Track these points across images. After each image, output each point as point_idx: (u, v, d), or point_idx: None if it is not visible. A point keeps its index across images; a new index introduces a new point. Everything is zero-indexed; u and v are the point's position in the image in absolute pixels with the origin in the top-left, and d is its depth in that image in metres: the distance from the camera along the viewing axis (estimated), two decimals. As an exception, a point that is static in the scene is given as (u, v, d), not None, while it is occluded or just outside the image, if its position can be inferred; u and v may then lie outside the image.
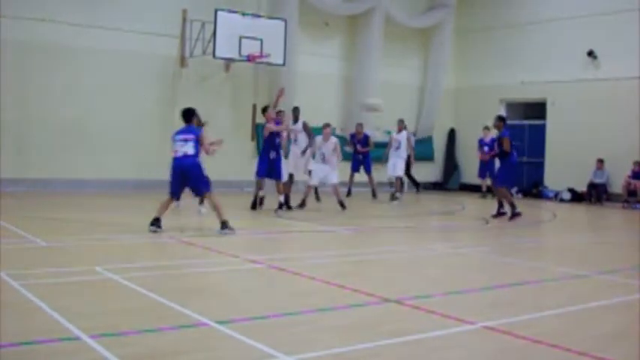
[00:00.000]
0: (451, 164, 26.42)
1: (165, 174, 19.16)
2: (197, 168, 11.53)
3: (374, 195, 20.22)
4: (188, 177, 11.51)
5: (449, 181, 26.20)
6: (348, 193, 20.10)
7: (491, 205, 16.47)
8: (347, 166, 20.78)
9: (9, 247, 9.28)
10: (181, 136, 11.57)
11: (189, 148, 11.45)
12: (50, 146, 18.11)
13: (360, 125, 20.79)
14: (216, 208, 11.49)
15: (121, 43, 19.06)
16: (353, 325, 6.03)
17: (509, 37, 24.66)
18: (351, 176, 20.68)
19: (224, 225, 11.36)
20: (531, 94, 24.03)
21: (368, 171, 20.61)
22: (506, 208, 15.64)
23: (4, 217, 12.08)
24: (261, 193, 15.39)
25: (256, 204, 15.40)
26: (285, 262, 8.96)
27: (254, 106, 20.89)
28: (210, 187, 11.66)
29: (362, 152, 20.39)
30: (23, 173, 17.69)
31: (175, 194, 11.80)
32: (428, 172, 25.79)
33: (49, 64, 18.09)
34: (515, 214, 15.26)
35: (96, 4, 18.73)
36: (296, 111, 17.41)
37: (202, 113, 15.18)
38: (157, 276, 7.99)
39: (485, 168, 21.94)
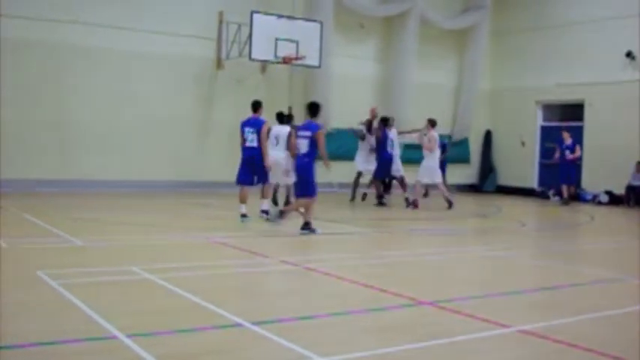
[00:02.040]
0: (487, 166, 26.25)
1: (201, 175, 19.56)
2: (261, 159, 12.93)
3: (426, 195, 20.88)
4: (255, 166, 12.89)
5: (485, 184, 26.03)
6: (425, 194, 20.72)
7: (563, 211, 16.25)
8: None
9: (47, 247, 9.44)
10: (249, 128, 12.95)
11: (255, 140, 12.86)
12: (89, 147, 18.34)
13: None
14: (265, 195, 13.37)
15: (158, 45, 19.25)
16: (387, 327, 6.03)
17: (545, 39, 24.43)
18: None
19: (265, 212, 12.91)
20: (568, 96, 23.80)
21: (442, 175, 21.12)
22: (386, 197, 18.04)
23: (43, 217, 12.28)
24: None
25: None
26: (319, 264, 8.97)
27: (289, 108, 20.91)
28: (269, 179, 13.25)
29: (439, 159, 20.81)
30: (62, 174, 17.95)
31: (243, 182, 13.03)
32: (464, 174, 25.66)
33: (87, 66, 18.34)
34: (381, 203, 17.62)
35: (133, 7, 18.94)
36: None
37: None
38: (193, 276, 8.04)
39: (566, 172, 21.62)
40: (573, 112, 23.97)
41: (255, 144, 12.88)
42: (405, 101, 23.14)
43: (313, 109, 12.04)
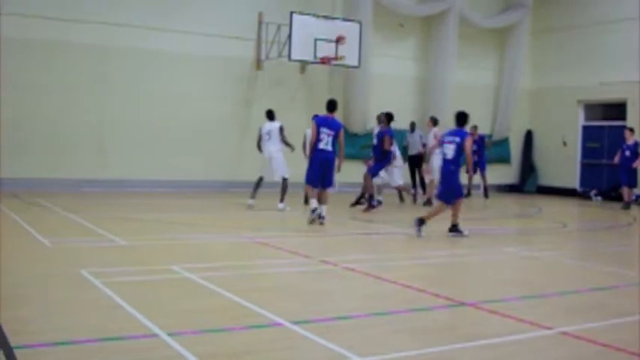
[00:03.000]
0: (528, 166, 26.00)
1: (241, 175, 19.64)
2: (334, 163, 12.88)
3: (486, 195, 20.84)
4: (326, 170, 12.79)
5: (525, 184, 25.80)
6: (468, 194, 20.42)
7: (607, 214, 15.93)
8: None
9: (90, 246, 9.57)
10: (326, 129, 12.67)
11: (329, 143, 12.70)
12: (128, 147, 18.56)
13: (474, 127, 20.89)
14: (324, 200, 12.78)
15: (198, 46, 19.41)
16: (427, 328, 6.01)
17: (586, 37, 24.09)
18: (470, 177, 20.85)
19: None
20: (610, 95, 23.45)
21: (482, 171, 21.15)
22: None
23: (86, 216, 12.45)
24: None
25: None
26: (358, 264, 8.95)
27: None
28: (334, 185, 13.59)
29: (478, 154, 20.63)
30: (102, 174, 18.20)
31: (313, 184, 12.82)
32: (504, 174, 25.46)
33: (131, 67, 18.57)
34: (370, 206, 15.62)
35: (174, 8, 19.11)
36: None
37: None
38: (233, 276, 8.10)
39: (627, 173, 20.08)
40: (616, 111, 23.61)
41: (329, 147, 12.74)
42: (445, 101, 23.00)
43: (462, 118, 12.10)
